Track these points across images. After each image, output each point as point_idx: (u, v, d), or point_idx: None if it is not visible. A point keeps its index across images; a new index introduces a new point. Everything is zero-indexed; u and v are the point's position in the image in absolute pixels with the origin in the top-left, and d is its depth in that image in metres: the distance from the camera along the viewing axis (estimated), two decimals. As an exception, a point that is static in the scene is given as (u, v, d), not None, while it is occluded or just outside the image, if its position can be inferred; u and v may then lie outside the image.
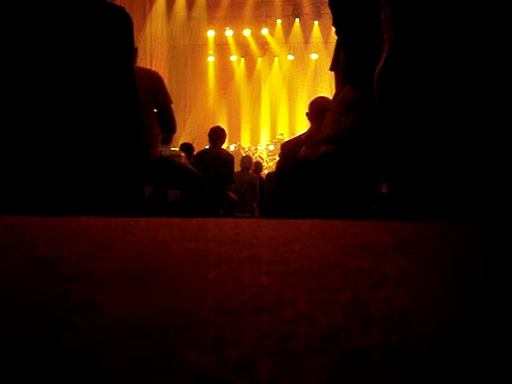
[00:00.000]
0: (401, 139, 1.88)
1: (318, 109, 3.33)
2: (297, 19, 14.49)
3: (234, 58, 15.34)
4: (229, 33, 14.90)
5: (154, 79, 3.39)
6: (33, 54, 1.95)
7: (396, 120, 1.88)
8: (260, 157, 12.39)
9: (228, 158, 5.99)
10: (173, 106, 3.52)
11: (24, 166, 1.95)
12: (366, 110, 2.25)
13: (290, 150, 3.53)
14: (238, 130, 15.26)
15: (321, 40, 14.30)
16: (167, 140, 3.79)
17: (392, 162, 1.98)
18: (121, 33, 2.11)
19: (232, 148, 12.80)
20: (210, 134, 5.89)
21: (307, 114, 3.53)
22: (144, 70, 3.54)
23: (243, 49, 15.18)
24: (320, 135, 2.57)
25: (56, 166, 1.96)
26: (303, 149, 3.28)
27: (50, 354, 0.39)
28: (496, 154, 1.68)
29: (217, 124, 8.19)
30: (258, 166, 8.72)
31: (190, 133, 12.84)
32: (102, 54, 2.05)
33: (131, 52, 2.26)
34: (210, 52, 15.28)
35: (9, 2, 1.95)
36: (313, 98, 3.68)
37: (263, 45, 15.13)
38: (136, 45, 3.46)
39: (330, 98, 2.81)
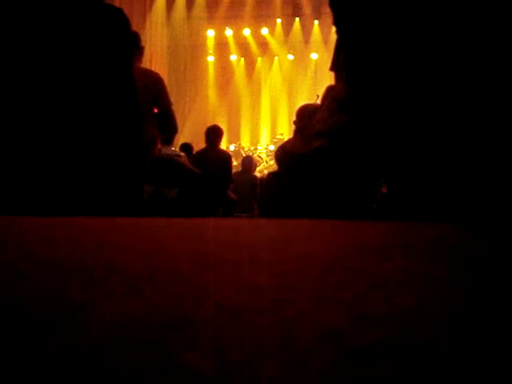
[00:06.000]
0: (400, 140, 1.89)
1: (304, 116, 3.32)
2: (297, 19, 14.47)
3: (233, 57, 15.33)
4: (229, 32, 14.90)
5: (155, 80, 3.37)
6: (32, 55, 1.95)
7: (395, 120, 1.88)
8: (259, 156, 12.37)
9: (226, 157, 5.97)
10: (173, 106, 3.51)
11: (24, 166, 1.95)
12: (358, 108, 2.24)
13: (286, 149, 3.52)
14: (238, 129, 15.25)
15: (321, 40, 14.27)
16: (169, 140, 3.78)
17: (392, 162, 1.99)
18: (119, 34, 2.11)
19: (232, 148, 12.78)
20: (206, 134, 5.87)
21: (294, 123, 3.50)
22: (145, 70, 3.52)
23: (243, 48, 15.16)
24: (311, 130, 2.56)
25: (56, 166, 1.97)
26: (290, 143, 3.26)
27: (51, 354, 0.39)
28: (495, 155, 1.68)
29: (216, 124, 8.17)
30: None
31: (189, 133, 12.82)
32: (100, 55, 2.05)
33: (129, 53, 2.26)
34: (210, 52, 15.28)
35: (7, 4, 1.95)
36: (298, 107, 3.66)
37: (263, 44, 15.12)
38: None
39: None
